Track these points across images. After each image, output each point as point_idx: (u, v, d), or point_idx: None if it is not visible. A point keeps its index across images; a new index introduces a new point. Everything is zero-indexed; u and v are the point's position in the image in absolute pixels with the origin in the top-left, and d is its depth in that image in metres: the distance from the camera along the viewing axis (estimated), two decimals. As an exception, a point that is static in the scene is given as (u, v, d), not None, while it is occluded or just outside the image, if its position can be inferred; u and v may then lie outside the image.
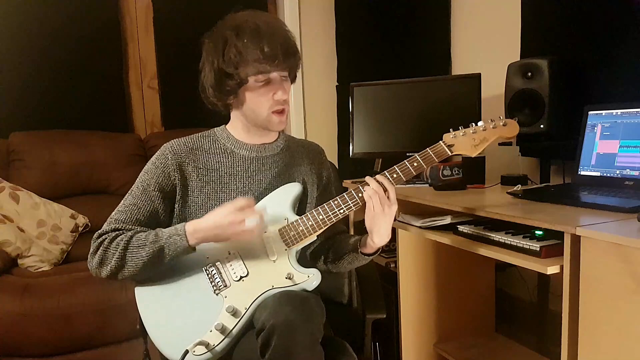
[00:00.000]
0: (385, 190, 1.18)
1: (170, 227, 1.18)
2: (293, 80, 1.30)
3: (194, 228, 1.16)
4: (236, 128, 1.31)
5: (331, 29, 3.17)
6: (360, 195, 1.21)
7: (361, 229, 1.44)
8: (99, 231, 1.21)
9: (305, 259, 1.37)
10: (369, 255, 1.28)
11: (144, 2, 2.86)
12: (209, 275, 1.21)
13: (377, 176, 1.21)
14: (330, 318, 1.29)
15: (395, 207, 1.19)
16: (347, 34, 3.08)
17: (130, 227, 1.20)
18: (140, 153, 2.62)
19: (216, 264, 1.21)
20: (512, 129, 1.28)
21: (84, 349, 1.92)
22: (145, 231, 1.20)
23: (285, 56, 1.19)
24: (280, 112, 1.24)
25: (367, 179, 1.21)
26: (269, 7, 3.14)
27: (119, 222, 1.20)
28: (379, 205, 1.17)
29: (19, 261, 2.14)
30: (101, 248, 1.18)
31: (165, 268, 1.19)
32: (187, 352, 1.13)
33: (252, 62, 1.16)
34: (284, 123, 1.26)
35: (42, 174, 2.38)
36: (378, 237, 1.21)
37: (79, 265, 2.12)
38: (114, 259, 1.16)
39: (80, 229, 2.33)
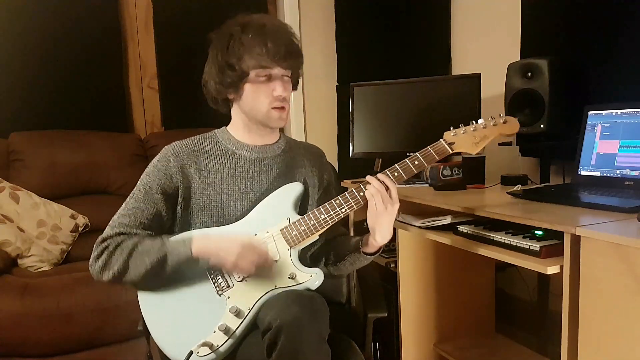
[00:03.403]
0: (387, 188, 1.19)
1: (177, 237, 1.18)
2: (295, 84, 1.32)
3: (200, 249, 1.15)
4: (237, 127, 1.31)
5: (331, 29, 3.17)
6: (361, 194, 1.21)
7: (361, 229, 1.44)
8: (103, 236, 1.20)
9: (305, 261, 1.37)
10: (370, 254, 1.28)
11: (144, 2, 2.86)
12: (212, 276, 1.20)
13: (379, 175, 1.21)
14: (330, 317, 1.29)
15: (397, 206, 1.20)
16: (347, 34, 3.08)
17: (134, 230, 1.20)
18: (140, 153, 2.62)
19: None
20: (513, 126, 1.28)
21: (84, 349, 1.92)
22: (151, 236, 1.19)
23: (288, 55, 1.22)
24: (280, 108, 1.25)
25: (369, 178, 1.21)
26: (269, 7, 3.14)
27: (123, 226, 1.20)
28: (381, 204, 1.18)
29: (19, 261, 2.13)
30: (105, 253, 1.17)
31: (165, 278, 1.18)
32: (191, 352, 1.13)
33: (255, 55, 1.19)
34: (284, 120, 1.27)
35: (42, 174, 2.38)
36: (380, 235, 1.21)
37: (79, 265, 2.12)
38: (117, 264, 1.16)
39: (80, 229, 2.33)
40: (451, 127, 1.26)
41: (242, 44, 1.19)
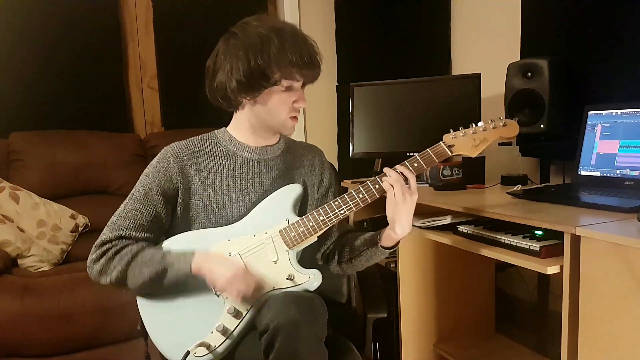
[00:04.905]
0: (405, 180, 1.19)
1: (178, 253, 1.17)
2: None
3: (197, 268, 1.15)
4: (240, 129, 1.30)
5: (331, 29, 3.17)
6: (377, 186, 1.21)
7: (361, 230, 1.44)
8: (102, 238, 1.19)
9: (312, 261, 1.36)
10: (388, 248, 1.27)
11: (144, 2, 2.86)
12: None
13: (397, 166, 1.22)
14: (330, 318, 1.29)
15: (416, 196, 1.19)
16: (347, 34, 3.08)
17: (134, 234, 1.19)
18: (140, 153, 2.62)
19: None
20: (512, 129, 1.28)
21: (84, 349, 1.92)
22: (151, 246, 1.20)
23: (315, 68, 1.23)
24: (295, 117, 1.26)
25: (386, 169, 1.21)
26: (269, 7, 3.14)
27: (122, 228, 1.19)
28: (400, 194, 1.18)
29: (19, 261, 2.13)
30: (104, 258, 1.17)
31: (163, 290, 1.18)
32: (188, 353, 1.13)
33: (290, 65, 1.17)
34: (294, 129, 1.28)
35: (42, 174, 2.38)
36: (400, 227, 1.20)
37: (79, 265, 2.12)
38: (115, 271, 1.16)
39: (80, 229, 2.33)
40: (451, 130, 1.26)
41: (281, 52, 1.15)
